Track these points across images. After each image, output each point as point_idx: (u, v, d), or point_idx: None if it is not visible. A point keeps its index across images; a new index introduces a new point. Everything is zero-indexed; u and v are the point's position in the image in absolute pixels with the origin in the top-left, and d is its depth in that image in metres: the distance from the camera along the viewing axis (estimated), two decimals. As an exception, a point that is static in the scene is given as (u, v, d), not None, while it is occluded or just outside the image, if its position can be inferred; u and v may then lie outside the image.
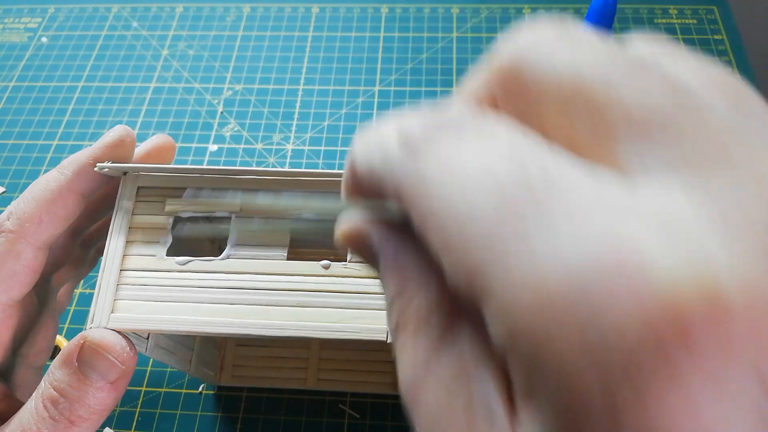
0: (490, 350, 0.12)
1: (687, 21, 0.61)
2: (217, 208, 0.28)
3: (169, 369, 0.43)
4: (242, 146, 0.54)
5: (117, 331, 0.26)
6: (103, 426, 0.41)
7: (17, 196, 0.27)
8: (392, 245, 0.17)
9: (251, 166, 0.53)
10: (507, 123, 0.12)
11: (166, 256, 0.27)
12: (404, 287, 0.17)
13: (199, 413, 0.41)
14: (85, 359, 0.25)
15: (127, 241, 0.28)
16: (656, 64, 0.12)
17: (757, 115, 0.11)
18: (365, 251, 0.19)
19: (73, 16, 0.66)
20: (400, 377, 0.15)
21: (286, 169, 0.28)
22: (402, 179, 0.12)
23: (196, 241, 0.34)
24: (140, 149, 0.31)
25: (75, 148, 0.55)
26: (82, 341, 0.25)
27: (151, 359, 0.40)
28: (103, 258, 0.27)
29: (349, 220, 0.19)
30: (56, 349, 0.44)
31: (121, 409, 0.41)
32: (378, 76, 0.59)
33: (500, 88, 0.13)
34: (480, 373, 0.12)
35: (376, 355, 0.41)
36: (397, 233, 0.19)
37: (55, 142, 0.56)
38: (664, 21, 0.61)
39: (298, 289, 0.26)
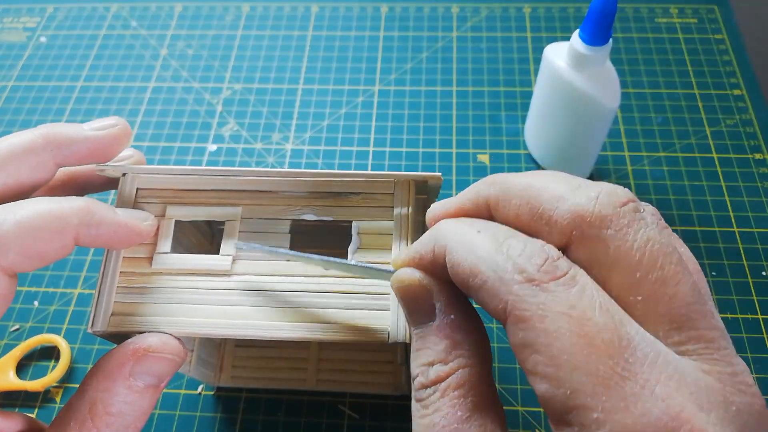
0: None
1: (688, 20, 0.61)
2: (217, 214, 0.28)
3: (168, 369, 0.42)
4: (241, 146, 0.54)
5: (116, 333, 0.26)
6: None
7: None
8: (453, 305, 0.19)
9: (250, 166, 0.53)
10: (587, 280, 0.17)
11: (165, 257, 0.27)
12: (453, 350, 0.19)
13: (198, 414, 0.41)
14: (142, 369, 0.23)
15: (125, 242, 0.27)
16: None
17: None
18: (420, 303, 0.20)
19: (71, 15, 0.66)
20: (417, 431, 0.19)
21: (285, 169, 0.28)
22: (525, 307, 0.17)
23: (196, 242, 0.34)
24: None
25: (74, 148, 0.55)
26: (142, 353, 0.23)
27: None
28: (102, 259, 0.27)
29: (409, 273, 0.20)
30: (55, 350, 0.44)
31: (120, 409, 0.41)
32: (378, 76, 0.59)
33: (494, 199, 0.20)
34: None
35: (376, 355, 0.40)
36: (461, 298, 0.20)
37: (53, 142, 0.55)
38: (664, 20, 0.61)
39: (299, 290, 0.26)
